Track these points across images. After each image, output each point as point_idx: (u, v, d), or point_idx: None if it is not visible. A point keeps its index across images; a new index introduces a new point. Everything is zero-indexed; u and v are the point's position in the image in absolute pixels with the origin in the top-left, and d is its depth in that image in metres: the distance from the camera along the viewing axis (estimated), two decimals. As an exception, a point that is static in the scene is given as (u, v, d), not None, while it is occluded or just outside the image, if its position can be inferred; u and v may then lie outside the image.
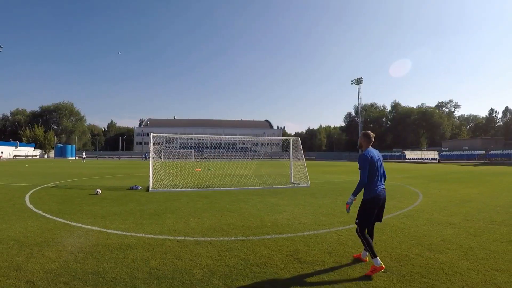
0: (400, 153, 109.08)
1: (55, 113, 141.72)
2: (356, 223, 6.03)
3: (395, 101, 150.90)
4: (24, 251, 6.58)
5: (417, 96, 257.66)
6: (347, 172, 37.72)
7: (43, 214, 10.71)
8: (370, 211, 5.92)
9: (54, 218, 10.04)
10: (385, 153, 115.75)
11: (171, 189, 17.88)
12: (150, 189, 17.62)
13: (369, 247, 5.75)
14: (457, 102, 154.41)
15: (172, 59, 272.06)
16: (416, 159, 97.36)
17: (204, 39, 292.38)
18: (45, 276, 5.33)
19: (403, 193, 17.09)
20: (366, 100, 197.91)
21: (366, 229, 6.01)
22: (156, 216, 10.56)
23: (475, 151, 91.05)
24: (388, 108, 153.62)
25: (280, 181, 23.13)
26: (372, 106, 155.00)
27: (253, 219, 10.30)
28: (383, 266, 5.63)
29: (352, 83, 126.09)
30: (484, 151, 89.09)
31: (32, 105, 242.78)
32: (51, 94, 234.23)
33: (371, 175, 5.90)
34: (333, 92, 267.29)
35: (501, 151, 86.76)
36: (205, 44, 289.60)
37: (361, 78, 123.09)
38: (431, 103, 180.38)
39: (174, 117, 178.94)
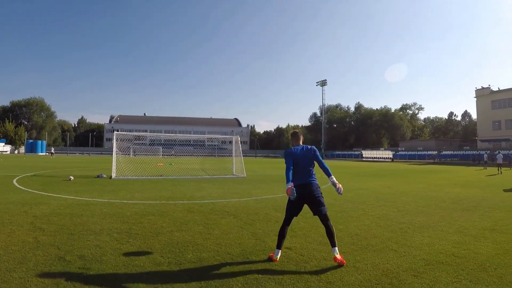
0: (359, 152, 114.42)
1: (26, 108, 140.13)
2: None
3: (358, 102, 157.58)
4: (26, 207, 10.92)
5: (383, 98, 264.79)
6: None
7: (31, 190, 15.13)
8: (289, 203, 6.27)
9: (40, 192, 14.48)
10: (345, 152, 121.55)
11: (129, 177, 22.55)
12: (112, 177, 22.25)
13: (278, 236, 6.12)
14: (420, 105, 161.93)
15: (144, 56, 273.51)
16: (372, 158, 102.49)
17: (176, 37, 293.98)
18: (42, 215, 9.67)
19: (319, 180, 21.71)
20: (334, 101, 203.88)
21: (287, 221, 6.26)
22: (113, 192, 15.10)
23: (428, 152, 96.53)
24: (352, 109, 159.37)
25: (224, 173, 27.90)
26: (337, 107, 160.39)
27: (179, 193, 14.97)
28: (276, 258, 6.00)
29: (317, 85, 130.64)
30: (436, 152, 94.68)
31: (2, 100, 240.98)
32: (22, 89, 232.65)
33: (294, 169, 6.30)
34: (302, 92, 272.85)
35: (452, 152, 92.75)
36: (177, 43, 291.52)
37: (326, 80, 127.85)
38: (397, 105, 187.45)
39: (145, 114, 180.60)
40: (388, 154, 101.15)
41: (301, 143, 6.68)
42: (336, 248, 5.86)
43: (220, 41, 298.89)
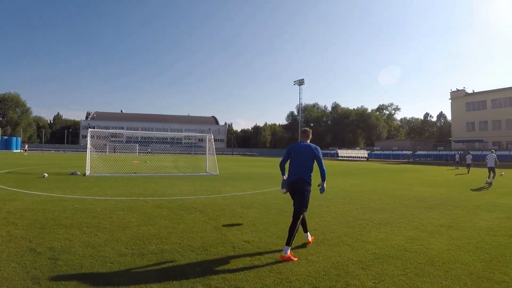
0: (335, 151, 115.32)
1: (1, 104, 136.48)
2: None
3: (335, 102, 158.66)
4: (1, 202, 11.28)
5: (360, 98, 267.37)
6: (270, 166, 43.03)
7: (5, 187, 15.33)
8: (291, 196, 6.72)
9: (14, 189, 14.72)
10: (322, 151, 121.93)
11: (103, 174, 22.91)
12: (86, 174, 22.51)
13: (301, 224, 6.64)
14: (397, 106, 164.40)
15: (123, 54, 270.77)
16: (348, 157, 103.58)
17: (154, 35, 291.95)
18: (15, 211, 10.02)
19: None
20: (312, 101, 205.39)
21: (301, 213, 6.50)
22: (86, 189, 15.42)
23: (403, 151, 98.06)
24: (329, 108, 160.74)
25: (197, 170, 28.33)
26: (314, 106, 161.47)
27: (151, 190, 15.41)
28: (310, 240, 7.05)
29: (294, 84, 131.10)
30: (411, 152, 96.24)
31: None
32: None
33: (290, 163, 6.80)
34: (280, 91, 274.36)
35: (426, 152, 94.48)
36: (155, 41, 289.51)
37: (303, 79, 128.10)
38: (374, 105, 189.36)
39: (121, 111, 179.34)
40: (364, 153, 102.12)
41: (308, 141, 6.98)
42: (289, 248, 6.09)
43: (199, 40, 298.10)
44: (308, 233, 7.07)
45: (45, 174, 21.06)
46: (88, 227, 8.01)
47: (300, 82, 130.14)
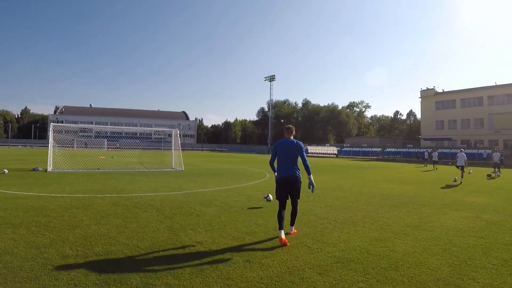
0: (305, 148, 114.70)
1: None
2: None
3: (305, 99, 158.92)
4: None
5: (329, 96, 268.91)
6: (239, 162, 43.00)
7: (-42, 183, 14.83)
8: (277, 189, 7.34)
9: (-34, 185, 14.26)
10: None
11: (65, 170, 22.43)
12: (48, 170, 22.03)
13: (278, 220, 7.13)
14: (368, 103, 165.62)
15: (93, 48, 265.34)
16: (317, 153, 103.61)
17: (125, 31, 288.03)
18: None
19: (256, 175, 22.41)
20: (283, 97, 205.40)
21: (282, 207, 7.24)
22: (44, 185, 15.08)
23: (373, 148, 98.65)
24: (300, 105, 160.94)
25: (162, 166, 27.97)
26: (285, 102, 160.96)
27: (110, 187, 15.14)
28: (284, 239, 6.96)
29: (265, 80, 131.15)
30: (380, 149, 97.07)
31: None
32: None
33: (278, 159, 7.37)
34: (251, 87, 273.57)
35: (396, 149, 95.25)
36: (126, 36, 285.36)
37: (274, 75, 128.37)
38: (344, 102, 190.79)
39: (91, 105, 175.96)
40: (333, 150, 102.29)
41: (291, 137, 7.44)
42: (293, 226, 7.62)
43: (169, 35, 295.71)
44: (283, 230, 7.10)
45: (5, 170, 20.54)
46: (37, 226, 7.76)
47: (271, 78, 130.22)
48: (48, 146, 23.80)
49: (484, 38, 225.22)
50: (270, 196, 11.30)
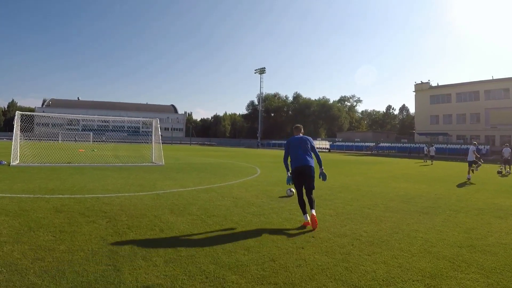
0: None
1: None
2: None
3: (296, 92, 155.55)
4: None
5: (320, 90, 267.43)
6: (227, 156, 40.41)
7: None
8: (295, 180, 7.79)
9: None
10: (282, 142, 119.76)
11: (31, 164, 20.22)
12: (12, 164, 19.76)
13: (300, 207, 7.64)
14: (359, 98, 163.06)
15: (82, 42, 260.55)
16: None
17: (114, 24, 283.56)
18: None
19: (245, 170, 19.96)
20: (272, 90, 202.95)
21: (301, 194, 7.77)
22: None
23: (366, 143, 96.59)
24: (290, 99, 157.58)
25: (141, 160, 25.34)
26: (275, 96, 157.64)
27: (69, 184, 12.60)
28: (309, 221, 7.34)
29: (255, 72, 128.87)
30: (374, 143, 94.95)
31: None
32: None
33: (292, 153, 7.85)
34: (241, 81, 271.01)
35: (390, 144, 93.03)
36: (115, 29, 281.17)
37: (264, 68, 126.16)
38: (335, 97, 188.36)
39: (78, 98, 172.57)
40: (325, 144, 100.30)
41: (301, 134, 8.22)
42: (313, 210, 7.39)
43: (159, 29, 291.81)
44: (307, 214, 7.48)
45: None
46: None
47: (261, 71, 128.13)
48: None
49: (479, 32, 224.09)
50: (293, 190, 10.52)
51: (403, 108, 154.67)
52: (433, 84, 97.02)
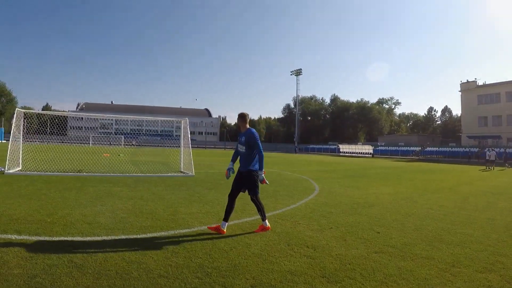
0: (335, 146, 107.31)
1: None
2: (254, 193, 6.96)
3: (334, 94, 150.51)
4: None
5: (357, 91, 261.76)
6: (269, 163, 35.85)
7: None
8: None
9: None
10: (320, 146, 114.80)
11: (30, 172, 16.71)
12: (5, 171, 16.07)
13: (262, 210, 7.04)
14: (397, 100, 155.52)
15: (115, 44, 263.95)
16: (351, 153, 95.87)
17: (148, 28, 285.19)
18: None
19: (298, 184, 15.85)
20: (307, 93, 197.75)
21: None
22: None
23: (411, 147, 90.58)
24: (328, 101, 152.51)
25: (166, 169, 20.88)
26: (312, 98, 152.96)
27: (47, 210, 8.20)
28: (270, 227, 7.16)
29: (291, 74, 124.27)
30: (420, 148, 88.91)
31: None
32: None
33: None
34: (276, 85, 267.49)
35: (437, 148, 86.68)
36: (149, 33, 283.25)
37: (301, 69, 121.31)
38: (372, 99, 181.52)
39: (112, 102, 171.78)
40: (368, 149, 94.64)
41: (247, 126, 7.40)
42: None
43: (192, 32, 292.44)
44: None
45: None
46: None
47: (298, 72, 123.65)
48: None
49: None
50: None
51: (446, 110, 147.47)
52: (480, 82, 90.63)
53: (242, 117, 7.46)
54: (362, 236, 7.10)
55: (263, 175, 6.88)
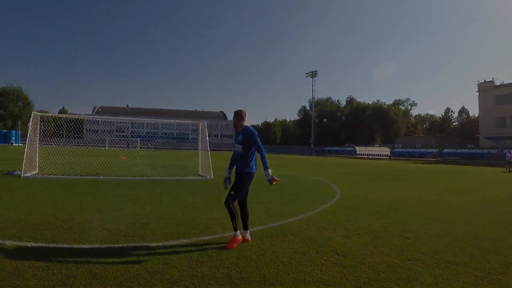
0: (352, 148, 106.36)
1: (2, 97, 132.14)
2: (232, 196, 6.30)
3: (350, 96, 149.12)
4: None
5: (373, 93, 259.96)
6: (281, 166, 35.40)
7: None
8: (247, 185, 6.57)
9: None
10: (336, 148, 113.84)
11: (47, 175, 16.74)
12: (22, 175, 16.01)
13: (234, 219, 6.16)
14: (414, 101, 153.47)
15: (131, 48, 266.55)
16: (367, 155, 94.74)
17: (164, 31, 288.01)
18: None
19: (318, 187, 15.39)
20: (323, 95, 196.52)
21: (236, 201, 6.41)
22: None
23: (429, 149, 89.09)
24: (343, 103, 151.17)
25: (184, 172, 20.48)
26: (327, 100, 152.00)
27: (63, 215, 7.95)
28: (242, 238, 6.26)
29: (307, 76, 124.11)
30: (437, 149, 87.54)
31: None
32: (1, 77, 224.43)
33: (253, 151, 6.57)
34: (290, 86, 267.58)
35: (455, 149, 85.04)
36: (165, 36, 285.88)
37: (316, 71, 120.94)
38: (388, 100, 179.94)
39: (128, 105, 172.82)
40: (385, 150, 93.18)
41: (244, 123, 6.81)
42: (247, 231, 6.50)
43: (208, 35, 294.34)
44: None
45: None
46: None
47: (313, 74, 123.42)
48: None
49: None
50: None
51: (463, 111, 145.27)
52: (497, 82, 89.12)
53: (239, 114, 6.79)
54: (392, 242, 6.75)
55: (270, 174, 6.24)
